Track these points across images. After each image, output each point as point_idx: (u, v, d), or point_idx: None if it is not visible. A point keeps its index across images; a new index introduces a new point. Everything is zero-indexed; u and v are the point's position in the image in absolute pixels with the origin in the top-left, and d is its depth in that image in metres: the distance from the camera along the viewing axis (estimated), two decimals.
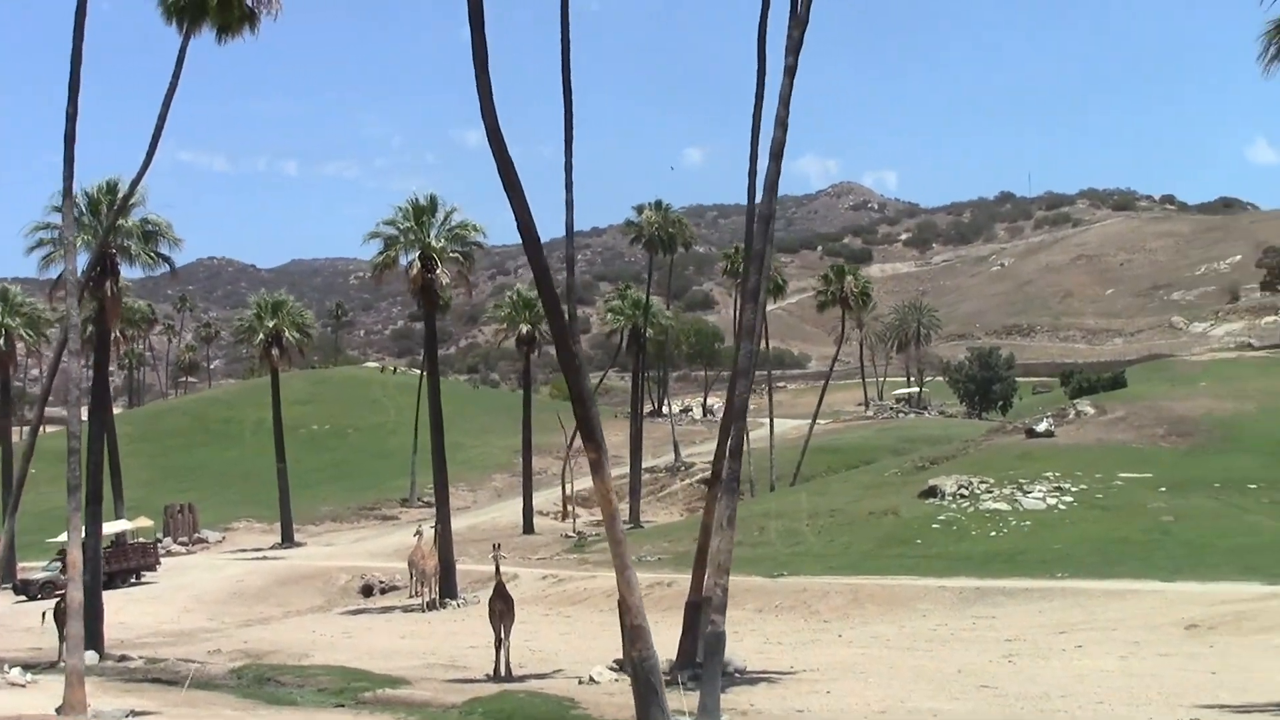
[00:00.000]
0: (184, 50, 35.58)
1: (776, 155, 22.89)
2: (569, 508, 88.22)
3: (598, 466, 20.17)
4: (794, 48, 22.54)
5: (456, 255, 59.27)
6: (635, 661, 20.43)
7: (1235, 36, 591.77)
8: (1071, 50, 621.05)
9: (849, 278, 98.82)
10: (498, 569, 37.70)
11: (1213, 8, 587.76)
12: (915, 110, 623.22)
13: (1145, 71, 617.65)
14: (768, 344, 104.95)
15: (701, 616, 31.83)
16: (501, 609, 35.52)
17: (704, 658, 23.74)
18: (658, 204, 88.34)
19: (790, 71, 22.66)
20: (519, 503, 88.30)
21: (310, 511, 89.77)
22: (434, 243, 58.26)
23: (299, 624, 53.86)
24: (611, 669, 33.14)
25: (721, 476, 31.80)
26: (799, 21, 22.42)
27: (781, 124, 22.84)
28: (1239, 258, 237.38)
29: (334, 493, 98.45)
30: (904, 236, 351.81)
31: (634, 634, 20.45)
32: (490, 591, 39.64)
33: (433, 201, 58.88)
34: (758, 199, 30.42)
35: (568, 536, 76.98)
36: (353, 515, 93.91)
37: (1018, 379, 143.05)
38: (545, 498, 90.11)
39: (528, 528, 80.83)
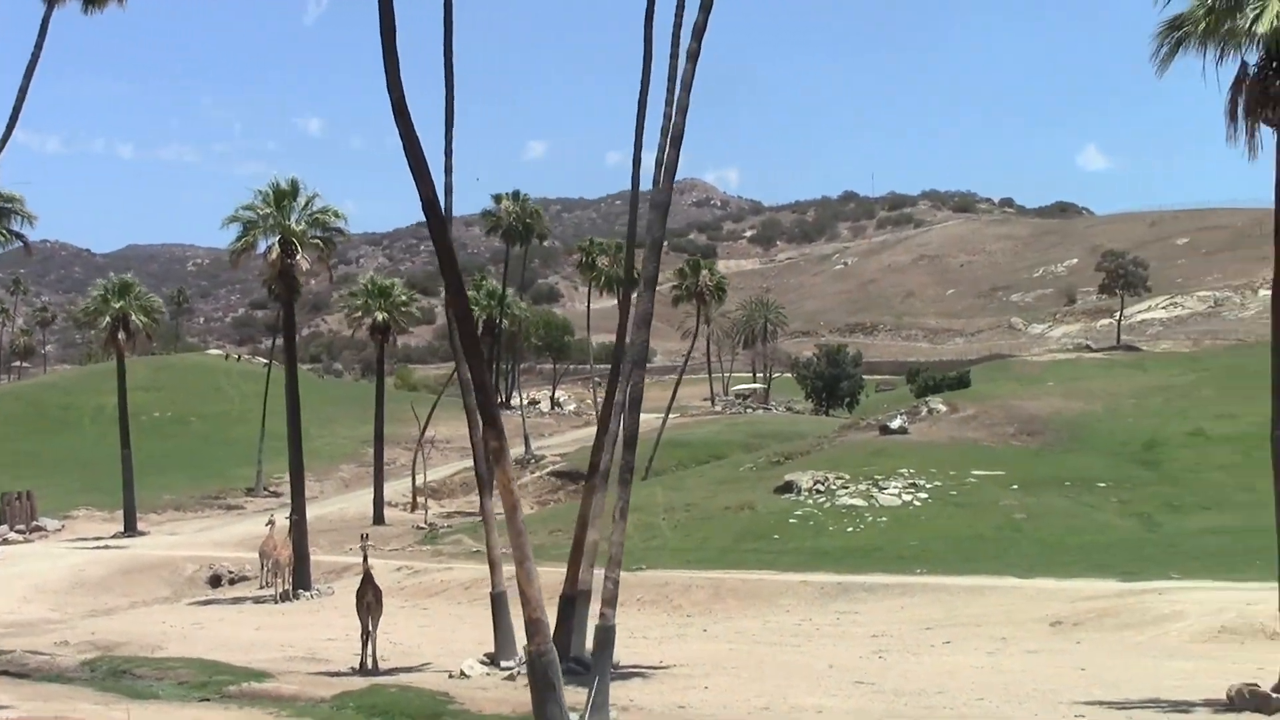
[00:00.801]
0: (47, 20, 34.39)
1: (676, 141, 22.56)
2: (419, 499, 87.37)
3: (499, 455, 19.64)
4: (698, 33, 22.23)
5: (317, 241, 58.08)
6: (533, 656, 19.93)
7: (1067, 45, 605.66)
8: (912, 53, 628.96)
9: (705, 272, 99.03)
10: (366, 559, 36.75)
11: (1047, 17, 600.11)
12: (755, 108, 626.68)
13: (982, 76, 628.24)
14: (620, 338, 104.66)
15: (577, 609, 31.49)
16: (370, 601, 34.72)
17: (594, 652, 23.34)
18: (515, 194, 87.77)
19: (693, 56, 22.34)
20: (366, 493, 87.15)
21: (152, 500, 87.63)
22: (294, 227, 57.02)
23: (147, 615, 52.38)
24: (483, 662, 32.64)
25: (599, 469, 31.54)
26: (704, 5, 22.13)
27: (682, 110, 22.51)
28: (1075, 261, 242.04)
29: (177, 481, 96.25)
30: (748, 234, 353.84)
31: (533, 628, 19.94)
32: (358, 582, 38.74)
33: (294, 186, 57.52)
34: (644, 186, 30.20)
35: (419, 528, 76.12)
36: (196, 504, 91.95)
37: (864, 377, 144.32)
38: (394, 488, 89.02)
39: (378, 518, 79.67)
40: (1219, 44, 26.49)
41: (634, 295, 30.49)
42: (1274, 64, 25.94)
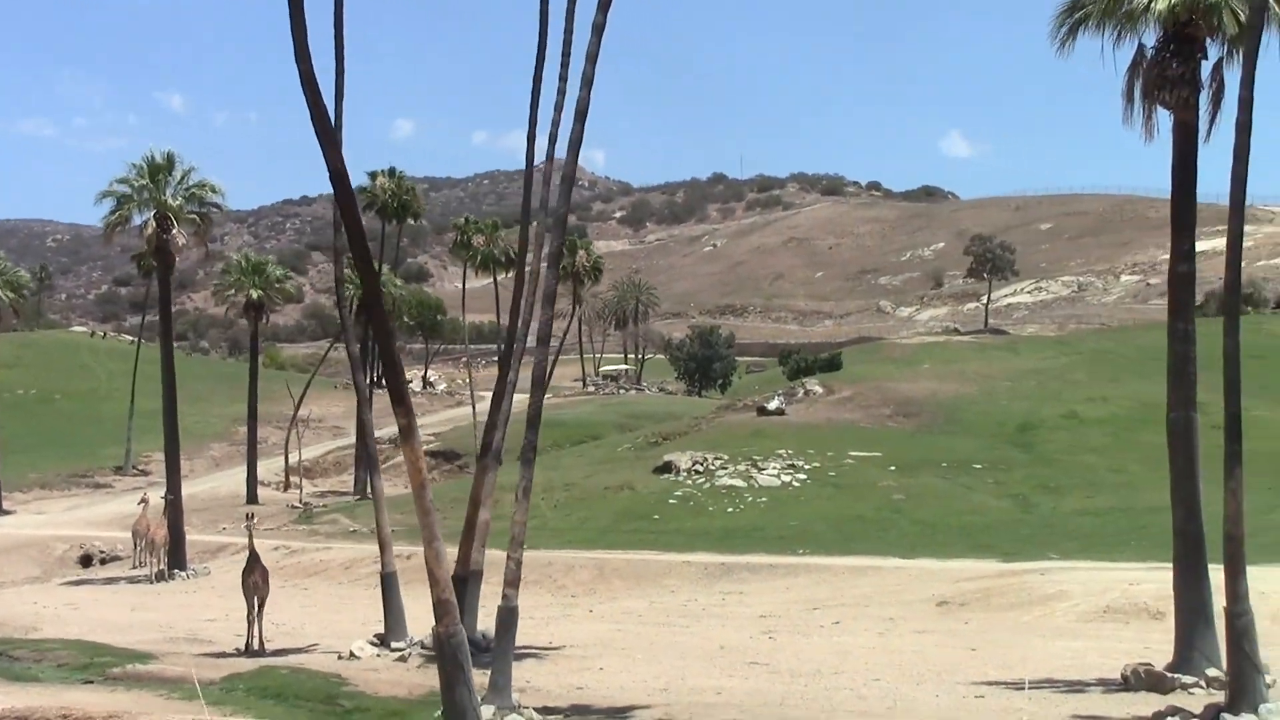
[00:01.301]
0: None
1: (581, 115, 22.22)
2: (292, 478, 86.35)
3: (408, 432, 19.18)
4: (604, 4, 21.93)
5: (194, 216, 56.94)
6: (443, 638, 19.53)
7: (929, 32, 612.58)
8: (777, 37, 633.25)
9: (581, 252, 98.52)
10: (251, 539, 36.12)
11: (909, 6, 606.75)
12: (622, 89, 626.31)
13: (846, 60, 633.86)
14: (498, 317, 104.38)
15: (469, 589, 31.05)
16: (257, 581, 34.09)
17: (496, 632, 23.01)
18: (391, 171, 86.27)
19: (598, 29, 22.03)
20: (237, 472, 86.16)
21: (18, 479, 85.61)
22: (170, 201, 55.83)
23: (17, 595, 51.11)
24: (373, 643, 32.15)
25: (491, 447, 31.14)
26: None
27: (588, 83, 22.18)
28: (942, 245, 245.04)
29: (43, 459, 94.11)
30: (618, 214, 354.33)
31: (443, 609, 19.49)
32: (234, 562, 38.17)
33: (169, 159, 56.27)
34: (538, 160, 29.81)
35: (294, 507, 75.11)
36: (64, 483, 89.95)
37: (735, 358, 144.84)
38: (265, 467, 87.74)
39: (251, 498, 78.44)
40: (1116, 25, 26.57)
41: (527, 271, 30.18)
42: (1171, 46, 26.02)
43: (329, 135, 19.24)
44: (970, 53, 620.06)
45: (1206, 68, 26.22)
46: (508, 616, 22.59)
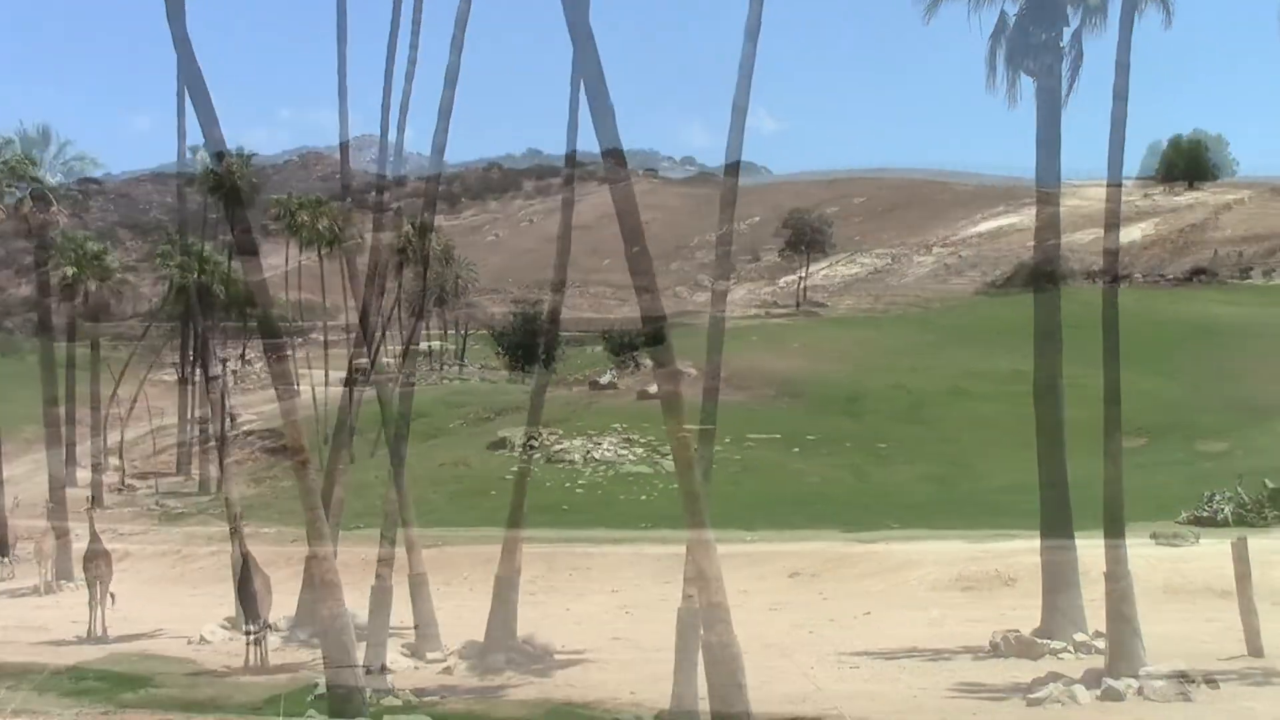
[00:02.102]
0: None
1: (451, 80, 21.90)
2: (112, 461, 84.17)
3: (290, 412, 18.48)
4: None
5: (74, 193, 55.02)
6: (327, 620, 18.85)
7: (725, 9, 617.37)
8: (596, 10, 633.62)
9: (408, 226, 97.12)
10: (92, 524, 35.05)
11: None
12: (434, 62, 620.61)
13: (652, 36, 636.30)
14: (323, 296, 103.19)
15: None
16: (99, 566, 33.08)
17: (370, 613, 22.41)
18: (239, 151, 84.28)
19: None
20: (51, 457, 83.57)
21: None
22: (48, 178, 53.65)
23: None
24: (224, 627, 31.29)
25: (344, 425, 30.49)
26: None
27: (458, 47, 21.85)
28: (757, 219, 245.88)
29: None
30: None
31: (326, 590, 18.84)
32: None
33: (44, 134, 54.26)
34: (391, 137, 29.33)
35: (116, 491, 73.24)
36: None
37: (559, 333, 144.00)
38: (83, 451, 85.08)
39: (70, 482, 75.88)
40: None
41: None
42: (1033, 13, 26.11)
43: (206, 103, 18.35)
44: (769, 27, 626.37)
45: (1067, 35, 26.35)
46: (383, 596, 21.99)
